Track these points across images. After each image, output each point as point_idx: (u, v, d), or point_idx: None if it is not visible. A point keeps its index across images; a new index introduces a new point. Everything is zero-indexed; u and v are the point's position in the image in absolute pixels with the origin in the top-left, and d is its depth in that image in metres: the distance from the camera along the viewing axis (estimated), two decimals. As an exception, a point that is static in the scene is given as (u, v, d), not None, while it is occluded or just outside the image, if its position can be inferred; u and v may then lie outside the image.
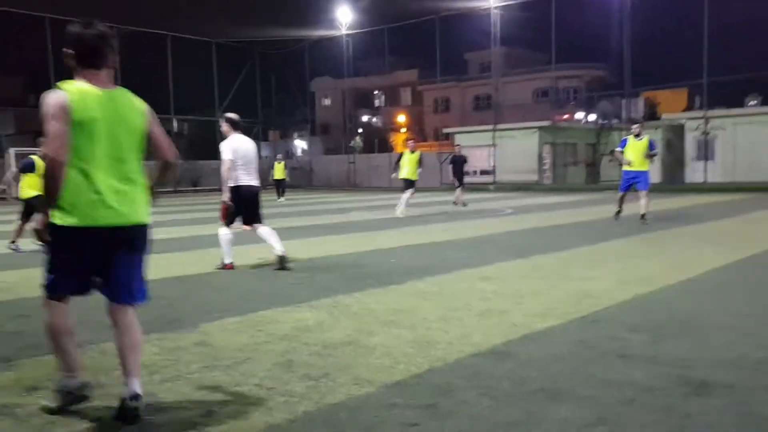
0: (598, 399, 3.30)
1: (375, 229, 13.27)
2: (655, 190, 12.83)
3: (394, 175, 17.04)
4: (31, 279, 7.36)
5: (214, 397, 3.47)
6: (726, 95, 34.19)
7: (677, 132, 33.44)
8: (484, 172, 35.34)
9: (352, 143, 51.31)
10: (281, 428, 3.05)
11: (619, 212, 13.27)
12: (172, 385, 3.66)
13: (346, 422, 3.10)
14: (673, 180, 32.12)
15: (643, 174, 12.83)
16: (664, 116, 35.83)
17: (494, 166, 35.92)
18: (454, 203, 20.03)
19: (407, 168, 16.59)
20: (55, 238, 3.16)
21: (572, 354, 4.10)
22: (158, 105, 41.22)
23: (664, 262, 7.70)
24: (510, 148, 35.88)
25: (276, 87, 48.08)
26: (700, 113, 32.58)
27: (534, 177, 35.04)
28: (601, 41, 44.04)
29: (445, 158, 22.58)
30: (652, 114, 37.84)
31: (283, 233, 12.45)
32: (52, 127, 3.03)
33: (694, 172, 31.83)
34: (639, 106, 37.97)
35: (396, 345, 4.39)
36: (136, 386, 3.17)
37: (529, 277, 7.01)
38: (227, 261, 7.90)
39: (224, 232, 7.91)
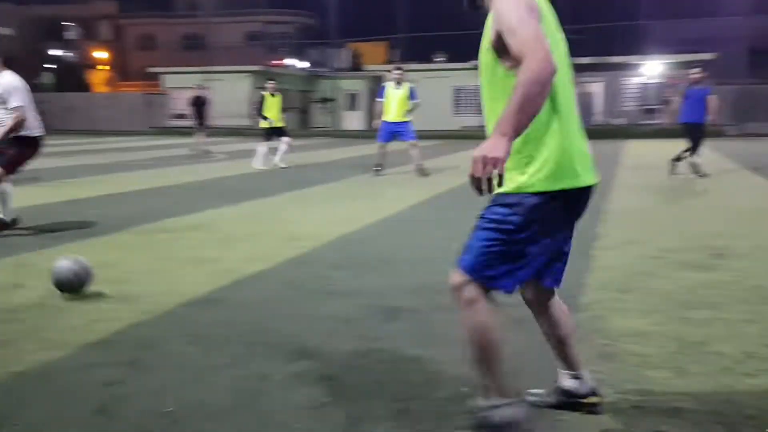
0: (302, 334, 3.48)
1: (70, 177, 12.04)
2: (359, 136, 13.62)
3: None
4: None
5: None
6: (419, 51, 37.69)
7: (378, 83, 36.01)
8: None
9: (40, 80, 45.38)
10: (-48, 408, 2.66)
11: (379, 166, 11.88)
12: None
13: (35, 391, 2.82)
14: (371, 126, 34.70)
15: (404, 125, 11.76)
16: (366, 67, 38.24)
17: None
18: (205, 151, 17.75)
19: (272, 113, 13.63)
20: (532, 208, 2.12)
21: (281, 295, 4.26)
22: None
23: (365, 204, 8.33)
24: (221, 92, 35.09)
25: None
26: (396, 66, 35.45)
27: (246, 122, 34.90)
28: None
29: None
30: (356, 65, 40.06)
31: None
32: (532, 24, 1.95)
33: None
34: (345, 57, 39.92)
35: (94, 302, 4.09)
36: (589, 378, 2.52)
37: (239, 222, 7.03)
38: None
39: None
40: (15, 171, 6.46)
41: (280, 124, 13.87)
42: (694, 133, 11.14)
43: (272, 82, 14.20)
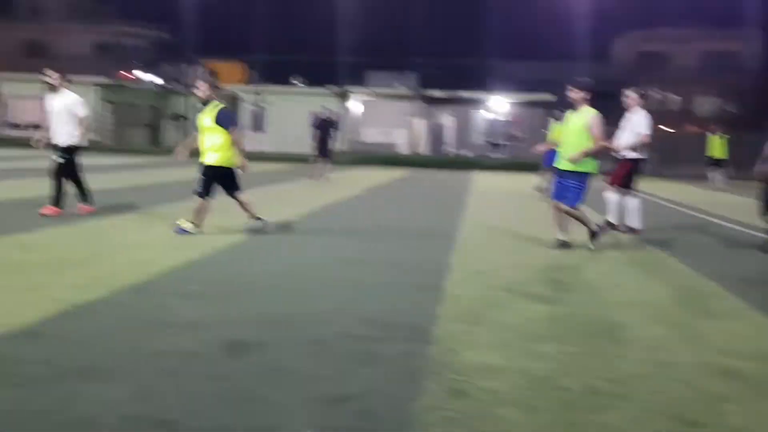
0: (139, 373, 3.18)
1: None
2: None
3: None
4: None
5: None
6: (276, 74, 37.46)
7: (234, 102, 35.37)
8: (34, 126, 31.50)
9: None
10: None
11: None
12: None
13: None
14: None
15: None
16: (223, 86, 37.15)
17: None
18: (321, 176, 16.70)
19: None
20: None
21: (116, 327, 3.90)
22: None
23: (215, 226, 7.95)
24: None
25: None
26: (253, 87, 35.14)
27: (92, 135, 32.60)
28: (166, 4, 43.23)
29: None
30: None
31: None
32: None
33: (249, 140, 34.12)
34: (199, 74, 38.71)
35: None
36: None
37: (74, 245, 6.46)
38: None
39: None
40: None
41: None
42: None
43: None
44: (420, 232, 8.58)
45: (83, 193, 8.60)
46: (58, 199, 8.29)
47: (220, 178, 7.40)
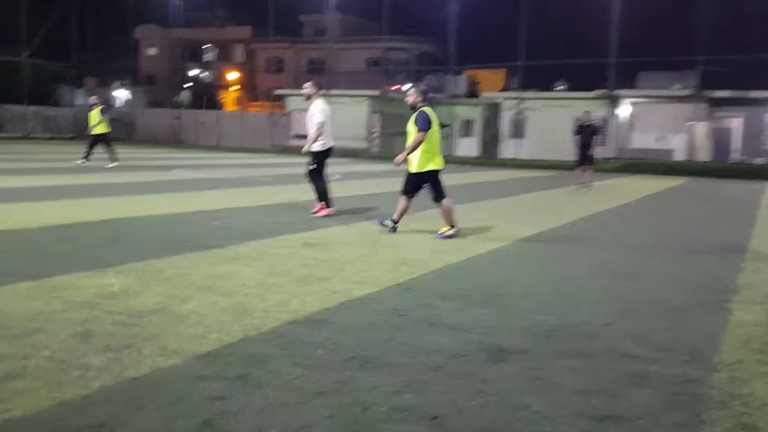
0: (407, 366, 3.37)
1: (199, 189, 12.69)
2: (473, 163, 13.42)
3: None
4: None
5: (-6, 374, 3.01)
6: (538, 79, 37.04)
7: (494, 110, 35.81)
8: (314, 137, 35.35)
9: (179, 98, 48.71)
10: (72, 406, 2.76)
11: None
12: (-59, 361, 3.16)
13: (147, 398, 2.89)
14: (489, 154, 34.49)
15: None
16: (483, 95, 38.11)
17: (324, 131, 36.02)
18: (583, 184, 16.47)
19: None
20: None
21: (386, 322, 4.18)
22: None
23: (475, 232, 8.14)
24: (341, 115, 36.16)
25: (95, 30, 43.94)
26: (515, 94, 35.10)
27: (363, 144, 35.67)
28: (431, 17, 45.56)
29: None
30: (472, 92, 39.98)
31: (95, 190, 11.53)
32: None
33: (508, 148, 34.42)
34: (461, 83, 39.98)
35: (210, 313, 4.19)
36: None
37: (351, 243, 7.07)
38: None
39: None
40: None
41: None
42: None
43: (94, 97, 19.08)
44: (700, 247, 7.81)
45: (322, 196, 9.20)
46: (325, 199, 9.13)
47: (434, 179, 7.72)
